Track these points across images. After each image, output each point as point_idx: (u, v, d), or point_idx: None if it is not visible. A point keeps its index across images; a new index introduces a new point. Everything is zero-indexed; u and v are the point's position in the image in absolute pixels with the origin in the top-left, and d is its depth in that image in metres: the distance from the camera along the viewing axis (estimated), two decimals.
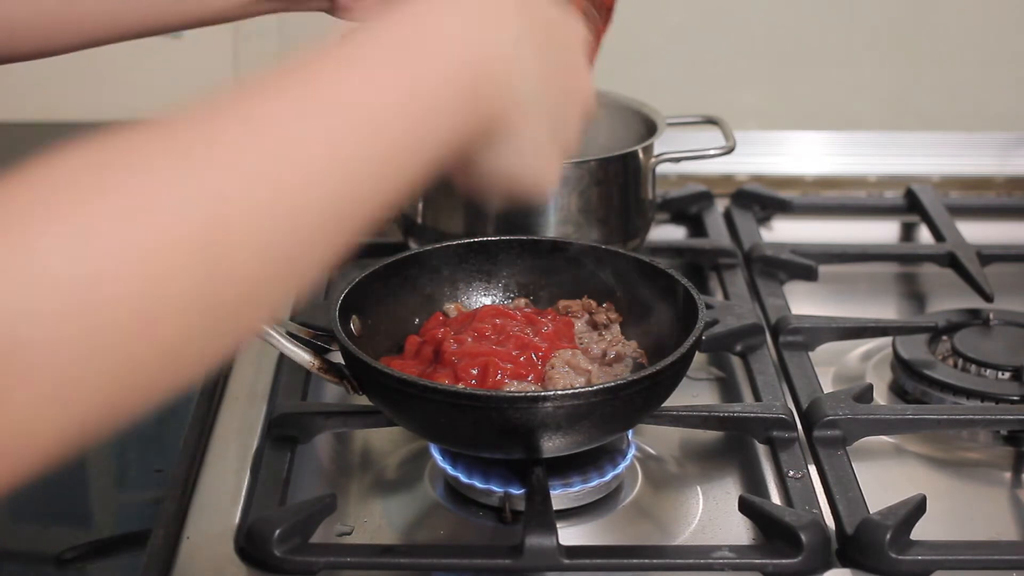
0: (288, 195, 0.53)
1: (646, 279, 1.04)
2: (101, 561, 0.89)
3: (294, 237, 0.53)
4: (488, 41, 0.63)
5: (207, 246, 0.49)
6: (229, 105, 0.54)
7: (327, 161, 0.54)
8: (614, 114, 1.35)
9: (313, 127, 0.54)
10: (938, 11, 1.55)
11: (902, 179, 1.50)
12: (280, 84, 0.56)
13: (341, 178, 0.55)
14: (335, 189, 0.55)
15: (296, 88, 0.56)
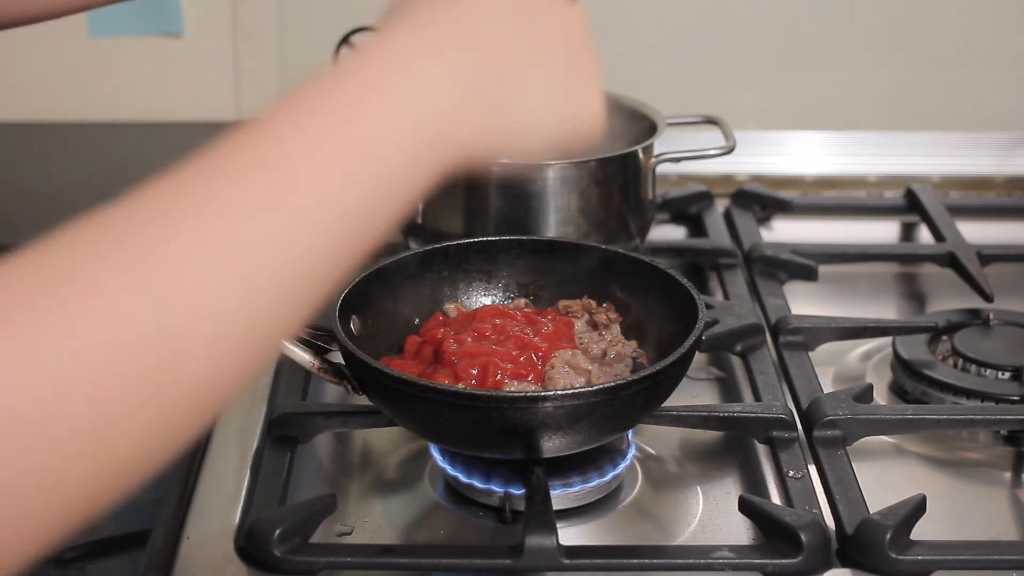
0: (244, 290, 0.51)
1: (646, 279, 1.04)
2: (101, 561, 0.89)
3: (249, 330, 0.52)
4: (450, 81, 0.61)
5: (158, 351, 0.48)
6: (177, 198, 0.52)
7: (284, 253, 0.53)
8: (614, 114, 1.34)
9: (267, 220, 0.53)
10: (938, 11, 1.55)
11: (902, 179, 1.50)
12: (234, 165, 0.54)
13: (297, 268, 0.54)
14: (292, 278, 0.53)
15: (249, 173, 0.54)
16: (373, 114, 0.58)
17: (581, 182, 1.21)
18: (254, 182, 0.53)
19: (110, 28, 1.56)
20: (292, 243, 0.53)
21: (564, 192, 1.20)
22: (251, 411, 1.05)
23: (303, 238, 0.54)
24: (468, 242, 1.08)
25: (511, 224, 1.20)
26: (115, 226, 0.51)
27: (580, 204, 1.21)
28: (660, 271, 1.03)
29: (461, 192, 1.22)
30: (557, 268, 1.07)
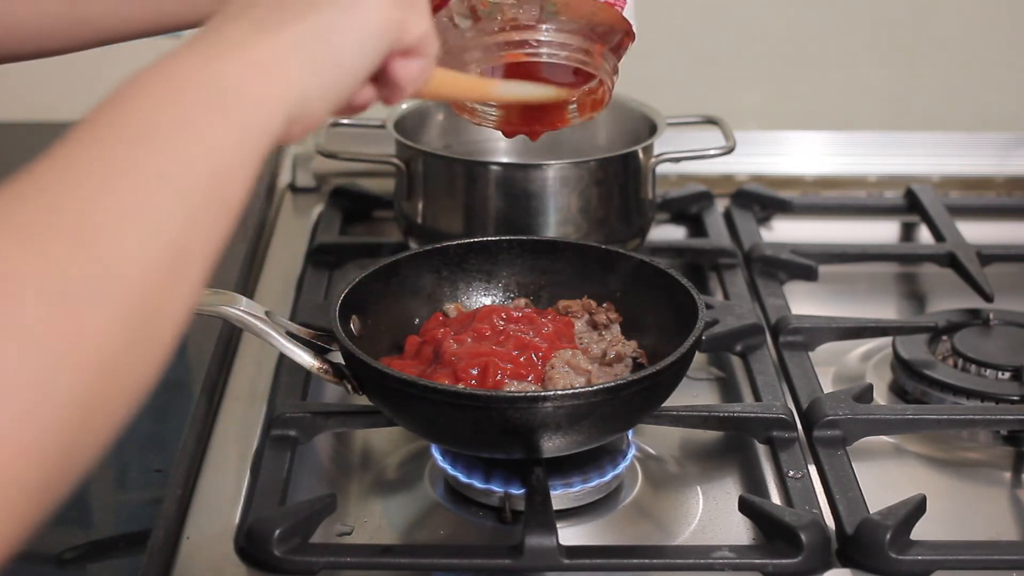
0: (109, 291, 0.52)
1: (646, 279, 1.04)
2: (101, 561, 0.89)
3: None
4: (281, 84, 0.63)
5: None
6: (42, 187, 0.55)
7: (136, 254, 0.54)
8: (614, 114, 1.35)
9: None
10: (938, 12, 1.55)
11: (902, 179, 1.50)
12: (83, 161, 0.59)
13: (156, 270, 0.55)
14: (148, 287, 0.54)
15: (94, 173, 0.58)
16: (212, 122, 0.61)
17: (581, 182, 1.21)
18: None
19: None
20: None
21: (564, 192, 1.20)
22: (251, 411, 1.05)
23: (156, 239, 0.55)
24: (468, 242, 1.08)
25: (511, 224, 1.20)
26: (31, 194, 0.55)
27: (580, 204, 1.21)
28: (660, 271, 1.03)
29: (461, 192, 1.22)
30: (557, 268, 1.07)
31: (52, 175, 0.57)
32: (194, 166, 0.58)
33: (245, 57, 0.62)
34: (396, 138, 1.26)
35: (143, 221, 0.54)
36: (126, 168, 0.58)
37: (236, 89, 0.61)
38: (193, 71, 0.63)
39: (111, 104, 0.64)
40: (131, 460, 0.96)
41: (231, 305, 0.94)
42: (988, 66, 1.57)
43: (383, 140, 1.29)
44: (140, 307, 0.52)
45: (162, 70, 0.65)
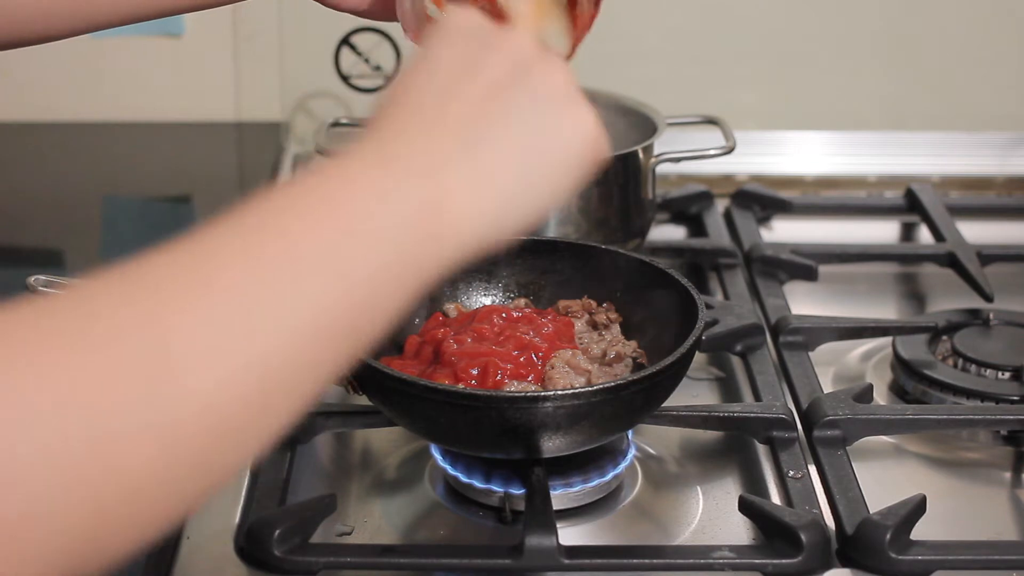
0: (244, 372, 0.50)
1: (646, 279, 1.04)
2: None
3: (247, 411, 0.51)
4: (426, 185, 0.59)
5: (159, 426, 0.48)
6: (185, 265, 0.51)
7: (284, 335, 0.52)
8: (614, 114, 1.35)
9: (265, 305, 0.52)
10: (938, 11, 1.55)
11: (902, 179, 1.50)
12: (229, 246, 0.53)
13: (298, 352, 0.52)
14: (293, 362, 0.52)
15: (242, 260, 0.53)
16: (350, 216, 0.56)
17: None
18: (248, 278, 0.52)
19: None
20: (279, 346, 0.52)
21: None
22: None
23: (288, 341, 0.52)
24: None
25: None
26: (131, 288, 0.50)
27: (580, 204, 1.21)
28: (660, 271, 1.03)
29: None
30: (557, 268, 1.07)
31: (156, 270, 0.51)
32: (320, 300, 0.53)
33: (428, 185, 0.59)
34: None
35: (227, 353, 0.50)
36: (235, 285, 0.52)
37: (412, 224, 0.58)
38: (361, 190, 0.57)
39: (259, 207, 0.56)
40: None
41: None
42: (988, 66, 1.57)
43: None
44: (198, 443, 0.49)
45: (324, 180, 0.58)
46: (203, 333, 0.49)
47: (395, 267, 0.57)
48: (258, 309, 0.51)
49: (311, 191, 0.57)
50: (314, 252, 0.54)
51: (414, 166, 0.59)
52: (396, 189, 0.58)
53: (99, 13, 0.93)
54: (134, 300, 0.49)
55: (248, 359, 0.50)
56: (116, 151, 1.57)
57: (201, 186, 1.49)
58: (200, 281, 0.51)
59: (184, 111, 1.58)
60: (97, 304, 0.49)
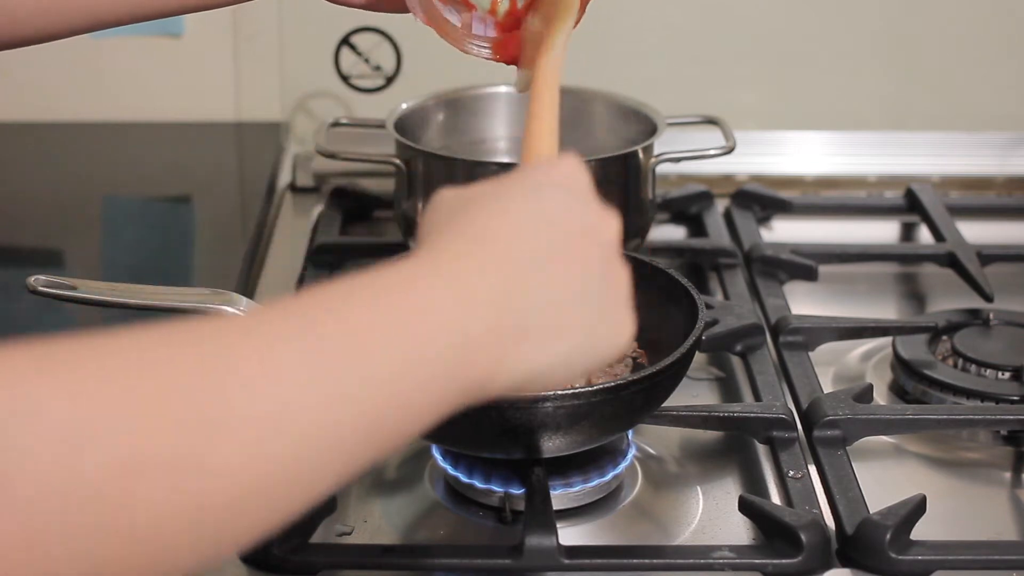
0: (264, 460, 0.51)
1: (646, 279, 1.04)
2: None
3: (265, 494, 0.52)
4: (483, 315, 0.58)
5: (192, 486, 0.48)
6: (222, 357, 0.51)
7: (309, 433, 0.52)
8: (614, 114, 1.35)
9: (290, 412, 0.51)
10: (938, 11, 1.55)
11: (902, 179, 1.50)
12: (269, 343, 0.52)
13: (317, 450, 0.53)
14: (308, 460, 0.53)
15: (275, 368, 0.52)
16: (391, 335, 0.56)
17: None
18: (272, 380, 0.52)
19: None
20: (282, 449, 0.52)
21: None
22: None
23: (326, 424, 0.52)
24: None
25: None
26: (186, 348, 0.50)
27: None
28: (660, 271, 1.03)
29: None
30: None
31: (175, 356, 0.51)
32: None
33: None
34: (396, 138, 1.26)
35: (265, 433, 0.50)
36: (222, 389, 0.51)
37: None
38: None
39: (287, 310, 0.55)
40: None
41: (231, 305, 0.94)
42: (988, 66, 1.57)
43: (383, 140, 1.29)
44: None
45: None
46: (246, 407, 0.50)
47: (435, 392, 0.57)
48: (301, 395, 0.51)
49: (381, 289, 0.57)
50: (360, 353, 0.54)
51: (487, 303, 0.59)
52: (460, 314, 0.58)
53: (99, 13, 0.93)
54: (188, 356, 0.50)
55: (283, 443, 0.51)
56: (116, 151, 1.57)
57: (201, 186, 1.49)
58: (251, 356, 0.51)
59: (184, 111, 1.58)
60: (153, 355, 0.49)
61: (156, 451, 0.47)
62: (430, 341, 0.56)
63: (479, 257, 0.61)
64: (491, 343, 0.59)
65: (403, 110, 1.31)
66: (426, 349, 0.56)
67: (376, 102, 1.51)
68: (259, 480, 0.50)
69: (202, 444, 0.48)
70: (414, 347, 0.56)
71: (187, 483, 0.48)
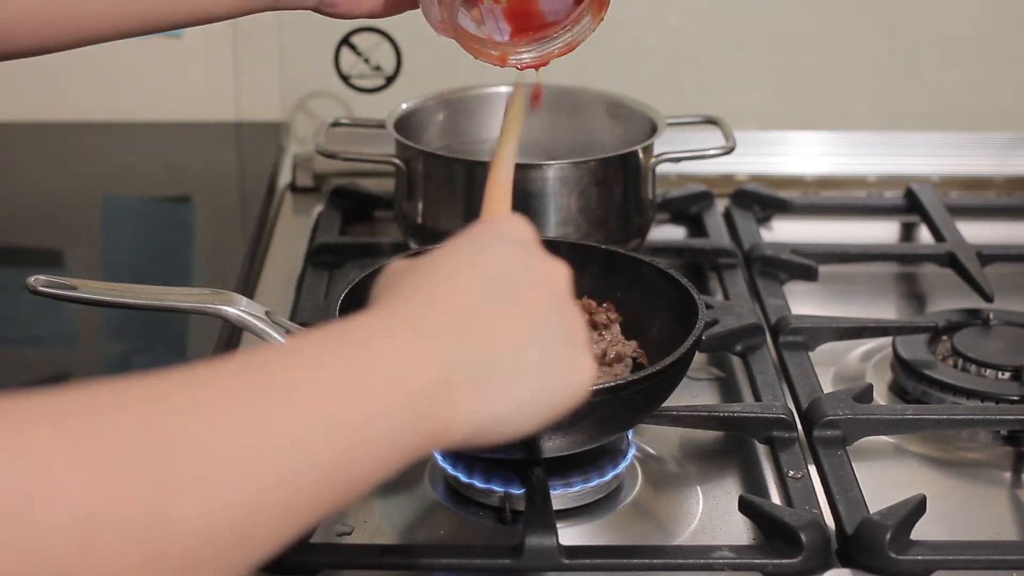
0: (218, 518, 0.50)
1: (646, 279, 1.04)
2: None
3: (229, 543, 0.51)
4: (438, 365, 0.58)
5: (151, 536, 0.48)
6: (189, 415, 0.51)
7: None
8: (614, 114, 1.35)
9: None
10: (938, 11, 1.55)
11: (902, 179, 1.50)
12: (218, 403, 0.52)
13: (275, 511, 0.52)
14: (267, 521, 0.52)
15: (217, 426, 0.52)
16: (349, 392, 0.56)
17: (581, 182, 1.21)
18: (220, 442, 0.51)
19: None
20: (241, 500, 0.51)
21: (564, 192, 1.20)
22: None
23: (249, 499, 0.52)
24: None
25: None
26: (144, 399, 0.50)
27: (580, 204, 1.21)
28: (660, 271, 1.03)
29: (461, 192, 1.22)
30: None
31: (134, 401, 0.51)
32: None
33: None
34: (396, 138, 1.26)
35: (222, 486, 0.50)
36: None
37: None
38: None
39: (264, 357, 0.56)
40: None
41: (231, 305, 0.94)
42: (988, 66, 1.57)
43: (383, 140, 1.29)
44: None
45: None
46: (203, 462, 0.50)
47: (393, 444, 0.57)
48: (259, 451, 0.51)
49: (337, 347, 0.57)
50: (316, 408, 0.54)
51: (439, 354, 0.59)
52: (413, 367, 0.58)
53: (100, 29, 0.94)
54: (145, 411, 0.50)
55: (240, 496, 0.51)
56: (116, 151, 1.57)
57: (201, 186, 1.49)
58: (209, 414, 0.51)
59: (184, 111, 1.58)
60: (109, 403, 0.49)
61: (113, 508, 0.47)
62: (385, 397, 0.56)
63: (429, 314, 0.61)
64: (445, 395, 0.58)
65: (403, 110, 1.31)
66: (382, 404, 0.56)
67: (376, 102, 1.51)
68: (217, 534, 0.50)
69: (160, 499, 0.48)
70: (371, 402, 0.56)
71: (145, 538, 0.47)
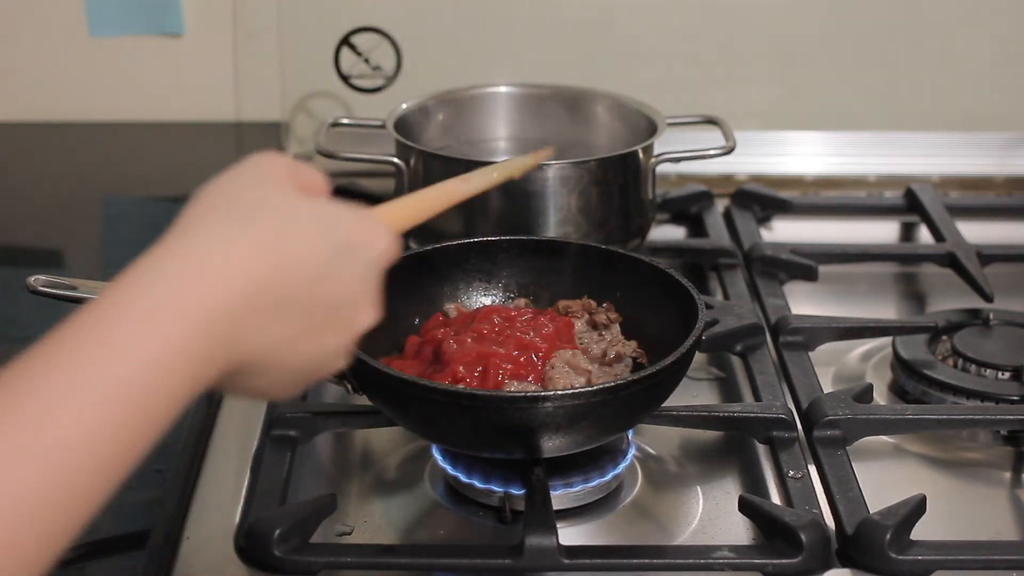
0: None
1: (646, 279, 1.04)
2: (101, 561, 0.89)
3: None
4: (213, 307, 0.60)
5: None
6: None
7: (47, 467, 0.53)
8: (614, 114, 1.35)
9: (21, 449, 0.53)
10: (938, 11, 1.55)
11: (902, 179, 1.50)
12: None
13: (50, 495, 0.54)
14: (47, 506, 0.54)
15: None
16: (149, 307, 0.58)
17: (581, 182, 1.21)
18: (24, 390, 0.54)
19: (110, 28, 1.56)
20: (53, 459, 0.53)
21: (564, 192, 1.20)
22: (251, 411, 1.05)
23: (63, 454, 0.53)
24: (468, 242, 1.08)
25: (511, 224, 1.20)
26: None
27: (580, 204, 1.21)
28: (660, 271, 1.03)
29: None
30: (557, 268, 1.07)
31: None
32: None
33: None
34: (396, 138, 1.26)
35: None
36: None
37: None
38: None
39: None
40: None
41: None
42: (988, 66, 1.57)
43: (383, 140, 1.29)
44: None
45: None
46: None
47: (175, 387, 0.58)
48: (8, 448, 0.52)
49: (77, 339, 0.57)
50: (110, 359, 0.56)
51: (203, 345, 0.60)
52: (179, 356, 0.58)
53: None
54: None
55: (33, 468, 0.52)
56: (116, 151, 1.57)
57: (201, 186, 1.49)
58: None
59: (184, 111, 1.58)
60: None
61: None
62: (188, 311, 0.58)
63: (208, 293, 0.61)
64: (241, 315, 0.60)
65: (403, 110, 1.31)
66: (182, 320, 0.58)
67: (376, 102, 1.51)
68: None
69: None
70: (168, 318, 0.58)
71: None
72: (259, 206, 0.65)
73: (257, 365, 0.63)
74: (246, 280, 0.61)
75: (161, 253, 0.61)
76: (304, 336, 0.65)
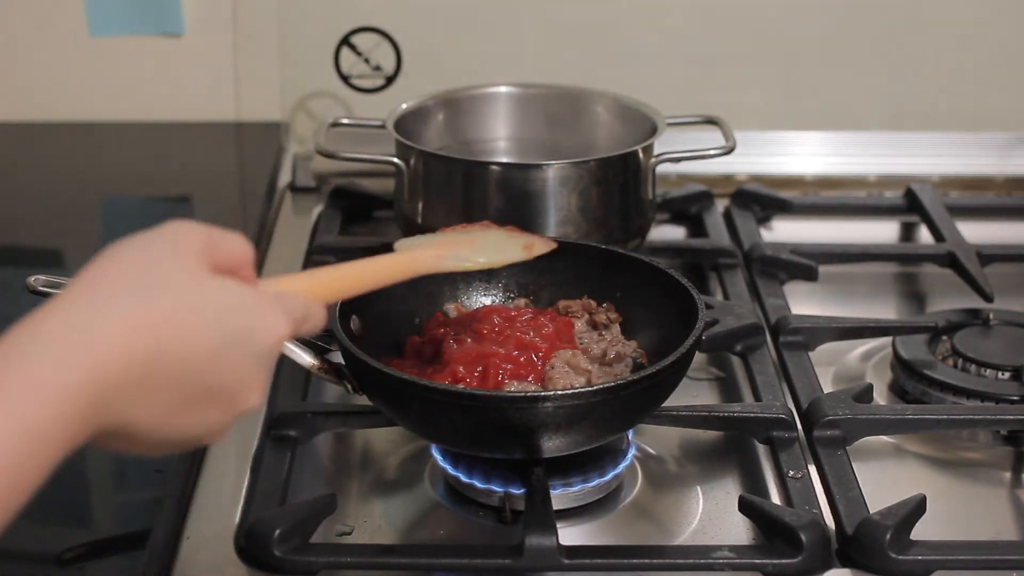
0: None
1: (646, 279, 1.04)
2: (101, 561, 0.89)
3: None
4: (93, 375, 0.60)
5: None
6: None
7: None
8: (614, 114, 1.35)
9: None
10: (939, 11, 1.55)
11: (902, 179, 1.50)
12: None
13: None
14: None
15: None
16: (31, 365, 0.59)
17: (581, 182, 1.21)
18: None
19: (110, 28, 1.55)
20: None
21: (564, 192, 1.20)
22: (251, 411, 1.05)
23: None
24: None
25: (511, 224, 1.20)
26: None
27: (580, 204, 1.21)
28: (660, 271, 1.03)
29: (461, 192, 1.22)
30: (557, 268, 1.07)
31: None
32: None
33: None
34: (396, 138, 1.26)
35: None
36: None
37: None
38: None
39: None
40: (131, 460, 0.96)
41: None
42: (988, 66, 1.57)
43: (383, 140, 1.29)
44: None
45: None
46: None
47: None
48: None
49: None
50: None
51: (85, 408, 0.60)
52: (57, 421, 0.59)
53: None
54: None
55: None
56: (116, 151, 1.57)
57: (201, 186, 1.49)
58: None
59: (184, 111, 1.58)
60: None
61: None
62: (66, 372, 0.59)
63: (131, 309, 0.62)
64: (120, 383, 0.61)
65: (403, 110, 1.31)
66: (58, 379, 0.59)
67: (376, 102, 1.51)
68: None
69: None
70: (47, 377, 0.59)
71: None
72: (155, 284, 0.64)
73: (135, 431, 0.64)
74: (123, 356, 0.61)
75: (42, 319, 0.62)
76: (185, 410, 0.65)
